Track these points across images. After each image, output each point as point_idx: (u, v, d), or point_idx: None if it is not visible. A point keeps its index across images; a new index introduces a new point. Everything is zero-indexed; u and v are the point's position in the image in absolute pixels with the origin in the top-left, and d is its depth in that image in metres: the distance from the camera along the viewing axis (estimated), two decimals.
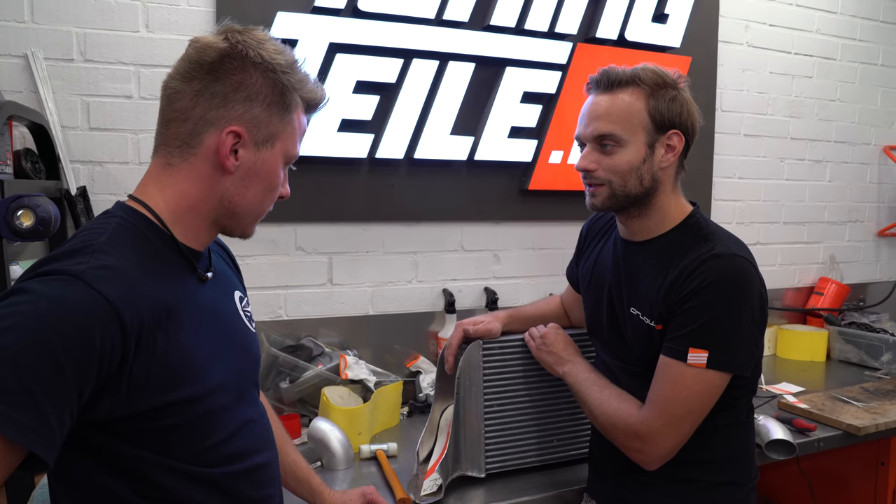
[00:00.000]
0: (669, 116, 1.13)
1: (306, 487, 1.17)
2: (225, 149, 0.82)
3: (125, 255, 0.77)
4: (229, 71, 0.82)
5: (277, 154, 0.87)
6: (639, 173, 1.14)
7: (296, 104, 0.87)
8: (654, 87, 1.13)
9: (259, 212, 0.90)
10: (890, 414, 1.77)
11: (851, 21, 2.79)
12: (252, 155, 0.84)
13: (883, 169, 2.97)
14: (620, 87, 1.14)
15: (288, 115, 0.86)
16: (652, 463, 1.13)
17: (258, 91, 0.83)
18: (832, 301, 2.70)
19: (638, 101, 1.13)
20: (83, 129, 1.72)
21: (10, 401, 0.64)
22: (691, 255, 1.10)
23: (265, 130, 0.85)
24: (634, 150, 1.13)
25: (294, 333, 1.93)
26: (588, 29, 2.19)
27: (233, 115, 0.82)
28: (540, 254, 2.25)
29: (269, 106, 0.84)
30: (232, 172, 0.84)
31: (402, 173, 2.01)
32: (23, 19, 1.64)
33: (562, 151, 2.16)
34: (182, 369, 0.79)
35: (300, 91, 0.87)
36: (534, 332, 1.41)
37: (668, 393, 1.09)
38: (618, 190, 1.15)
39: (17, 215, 1.26)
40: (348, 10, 1.88)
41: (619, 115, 1.13)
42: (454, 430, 1.37)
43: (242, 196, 0.86)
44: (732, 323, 1.07)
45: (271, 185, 0.89)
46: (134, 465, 0.77)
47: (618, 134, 1.13)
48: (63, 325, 0.67)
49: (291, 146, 0.89)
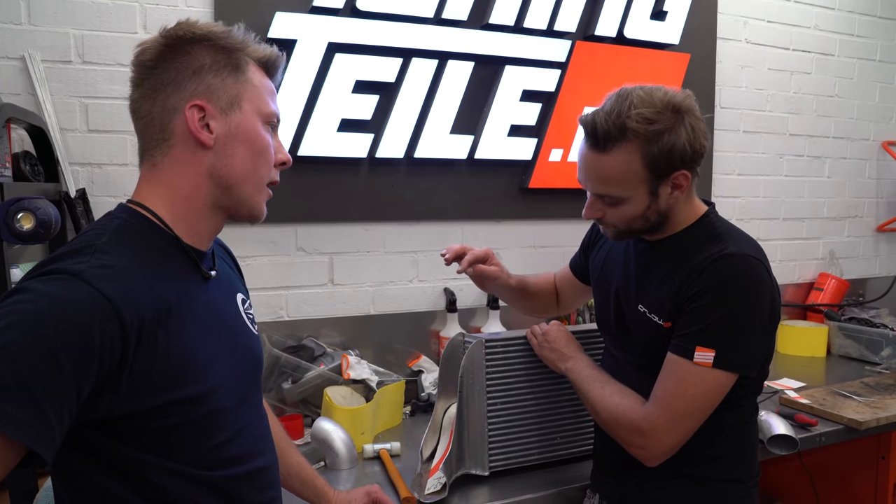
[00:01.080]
0: (669, 162, 1.07)
1: (311, 489, 1.17)
2: (193, 124, 0.83)
3: (126, 254, 0.77)
4: (171, 58, 0.83)
5: (249, 114, 0.86)
6: (644, 217, 1.13)
7: (245, 62, 0.86)
8: (647, 136, 1.04)
9: (256, 179, 0.88)
10: (890, 408, 1.77)
11: (849, 17, 2.80)
12: (223, 123, 0.84)
13: (882, 164, 2.97)
14: (614, 145, 1.06)
15: (242, 75, 0.86)
16: (653, 459, 1.13)
17: (202, 62, 0.84)
18: (832, 296, 2.70)
19: (633, 158, 1.06)
20: (82, 131, 1.72)
21: (8, 397, 0.64)
22: (703, 254, 1.09)
23: (225, 95, 0.84)
24: (637, 201, 1.11)
25: (296, 334, 1.92)
26: (587, 27, 2.19)
27: (188, 93, 0.83)
28: (540, 252, 2.25)
29: (218, 71, 0.84)
30: (211, 146, 0.84)
31: (403, 173, 2.01)
32: (20, 21, 1.64)
33: (562, 149, 2.16)
34: (183, 368, 0.79)
35: (244, 50, 0.86)
36: (536, 330, 1.41)
37: (672, 390, 1.09)
38: (625, 230, 1.17)
39: (18, 218, 1.26)
40: (347, 9, 1.88)
41: (614, 178, 1.09)
42: (457, 429, 1.37)
43: (230, 165, 0.85)
44: (741, 323, 1.06)
45: (256, 147, 0.87)
46: (135, 467, 0.77)
47: (617, 195, 1.11)
48: (63, 322, 0.67)
49: (262, 104, 0.87)
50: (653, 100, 1.06)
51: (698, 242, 1.13)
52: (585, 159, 1.13)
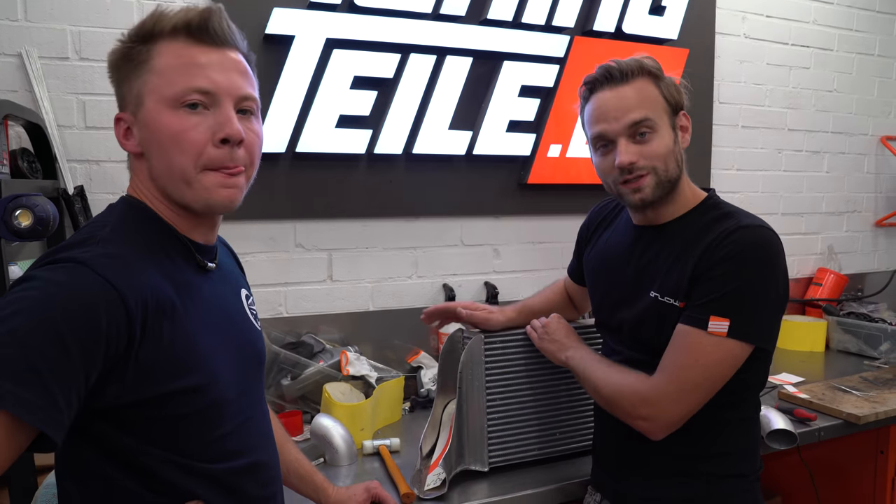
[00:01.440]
0: (677, 98, 1.16)
1: (310, 485, 1.17)
2: (120, 137, 0.84)
3: (129, 244, 0.78)
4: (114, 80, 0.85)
5: (152, 105, 0.79)
6: (675, 156, 1.15)
7: (146, 52, 0.80)
8: (658, 73, 1.15)
9: (176, 172, 0.80)
10: (889, 403, 1.78)
11: (848, 11, 2.79)
12: (137, 127, 0.82)
13: (880, 159, 2.97)
14: (634, 77, 1.14)
15: (143, 67, 0.80)
16: (658, 431, 1.10)
17: (114, 73, 0.84)
18: (831, 291, 2.70)
19: (654, 88, 1.14)
20: (79, 128, 1.71)
21: (18, 380, 0.65)
22: (717, 229, 1.10)
23: (131, 97, 0.82)
24: (667, 133, 1.14)
25: (295, 330, 1.92)
26: (585, 22, 2.19)
27: (119, 106, 0.85)
28: (539, 247, 2.25)
29: (126, 76, 0.82)
30: (141, 152, 0.83)
31: (401, 168, 2.01)
32: (16, 18, 1.63)
33: (560, 145, 2.16)
34: (188, 357, 0.80)
35: (151, 36, 0.80)
36: (535, 324, 1.41)
37: (682, 360, 1.07)
38: (662, 176, 1.13)
39: (16, 215, 1.26)
40: (345, 5, 1.87)
41: (647, 101, 1.13)
42: (457, 425, 1.37)
43: (154, 167, 0.82)
44: (759, 292, 1.06)
45: (161, 138, 0.79)
46: (140, 458, 0.78)
47: (652, 118, 1.12)
48: (70, 306, 0.68)
49: (167, 86, 0.78)
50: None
51: (707, 222, 1.13)
52: (607, 99, 1.15)
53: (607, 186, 1.21)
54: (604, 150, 1.17)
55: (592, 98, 1.18)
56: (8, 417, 0.65)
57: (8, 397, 0.64)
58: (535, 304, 1.54)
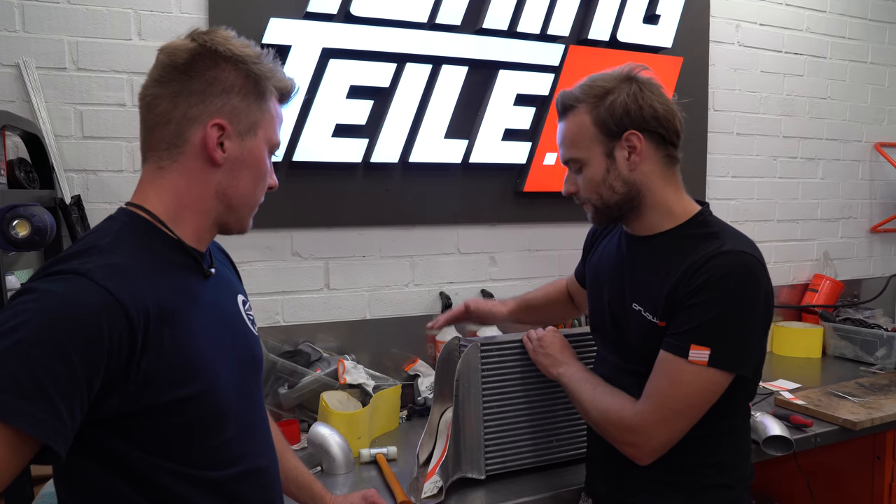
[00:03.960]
0: (616, 121, 1.12)
1: (308, 493, 1.17)
2: (212, 142, 0.84)
3: (130, 255, 0.79)
4: (202, 68, 0.84)
5: (261, 141, 0.89)
6: (607, 183, 1.15)
7: (269, 92, 0.89)
8: (595, 98, 1.14)
9: (253, 202, 0.92)
10: (885, 408, 1.78)
11: (840, 19, 2.82)
12: (237, 145, 0.87)
13: (874, 166, 2.99)
14: (568, 111, 1.17)
15: (265, 104, 0.89)
16: (644, 457, 1.12)
17: (233, 83, 0.85)
18: (827, 297, 2.71)
19: (584, 119, 1.15)
20: (77, 138, 1.72)
21: (22, 393, 0.65)
22: (699, 251, 1.09)
23: (246, 120, 0.87)
24: (595, 164, 1.15)
25: (292, 339, 1.93)
26: (580, 31, 2.20)
27: (213, 109, 0.84)
28: (536, 255, 2.26)
29: (245, 96, 0.86)
30: (221, 165, 0.86)
31: (397, 177, 2.02)
32: (14, 28, 1.64)
33: (556, 153, 2.17)
34: (189, 365, 0.80)
35: (271, 80, 0.89)
36: (532, 335, 1.41)
37: (665, 388, 1.09)
38: (598, 204, 1.18)
39: (13, 225, 1.26)
40: (341, 15, 1.89)
41: (572, 139, 1.17)
42: (454, 433, 1.37)
43: (235, 187, 0.88)
44: (738, 322, 1.06)
45: (260, 173, 0.91)
46: (140, 467, 0.78)
47: (578, 157, 1.17)
48: (72, 319, 0.69)
49: (272, 133, 0.91)
50: (610, 73, 1.16)
51: (692, 240, 1.12)
52: (558, 129, 1.21)
53: None
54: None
55: None
56: (12, 432, 0.65)
57: (12, 412, 0.65)
58: (534, 299, 1.60)
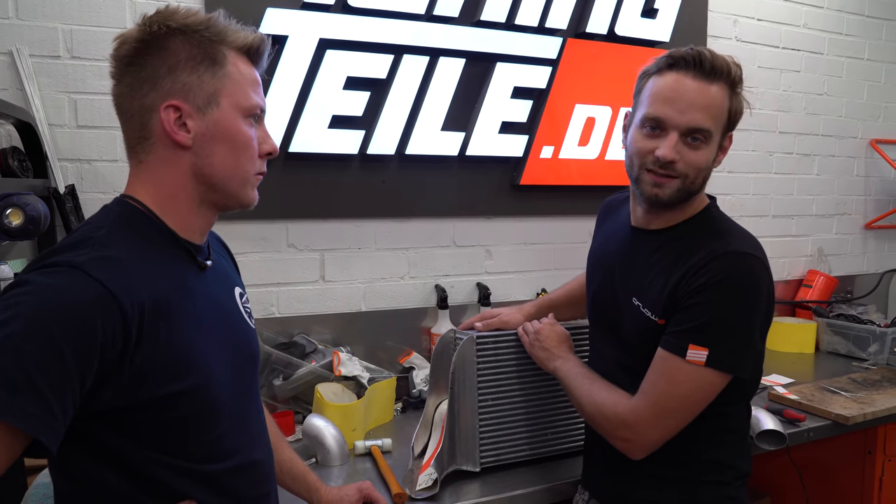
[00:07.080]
0: (736, 119, 1.11)
1: (303, 484, 1.17)
2: (169, 125, 0.81)
3: (125, 246, 0.78)
4: (146, 53, 0.81)
5: (228, 110, 0.84)
6: (707, 172, 1.12)
7: (223, 54, 0.83)
8: (734, 84, 1.09)
9: (240, 175, 0.87)
10: (877, 403, 1.79)
11: (838, 15, 2.82)
12: (201, 122, 0.83)
13: (870, 162, 3.00)
14: (717, 79, 1.07)
15: (220, 69, 0.83)
16: (637, 453, 1.12)
17: (178, 58, 0.81)
18: (820, 293, 2.72)
19: (726, 99, 1.09)
20: (71, 127, 1.70)
21: (12, 388, 0.65)
22: (702, 251, 1.08)
23: (202, 93, 0.82)
24: (714, 147, 1.11)
25: (287, 330, 1.92)
26: (578, 24, 2.19)
27: (164, 91, 0.81)
28: (532, 249, 2.26)
29: (194, 68, 0.82)
30: (189, 146, 0.83)
31: (394, 169, 2.01)
32: (7, 15, 1.62)
33: (553, 146, 2.16)
34: (184, 359, 0.79)
35: (224, 40, 0.84)
36: (528, 328, 1.41)
37: (661, 387, 1.09)
38: (689, 185, 1.11)
39: (6, 214, 1.25)
40: (338, 5, 1.87)
41: (715, 112, 1.08)
42: (449, 425, 1.37)
43: (211, 165, 0.84)
44: (737, 323, 1.06)
45: (237, 143, 0.85)
46: (135, 460, 0.78)
47: (711, 131, 1.08)
48: (64, 313, 0.68)
49: (243, 98, 0.85)
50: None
51: (698, 237, 1.12)
52: (686, 87, 1.07)
53: (629, 165, 1.15)
54: (650, 131, 1.10)
55: (669, 75, 1.09)
56: (2, 427, 0.65)
57: (2, 407, 0.64)
58: (557, 299, 1.55)
